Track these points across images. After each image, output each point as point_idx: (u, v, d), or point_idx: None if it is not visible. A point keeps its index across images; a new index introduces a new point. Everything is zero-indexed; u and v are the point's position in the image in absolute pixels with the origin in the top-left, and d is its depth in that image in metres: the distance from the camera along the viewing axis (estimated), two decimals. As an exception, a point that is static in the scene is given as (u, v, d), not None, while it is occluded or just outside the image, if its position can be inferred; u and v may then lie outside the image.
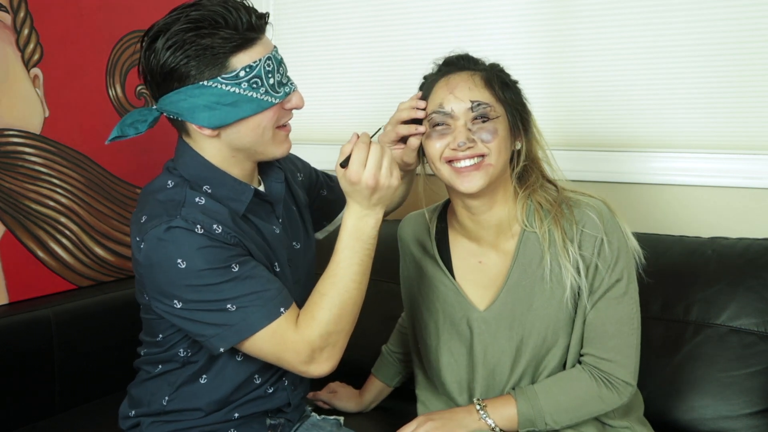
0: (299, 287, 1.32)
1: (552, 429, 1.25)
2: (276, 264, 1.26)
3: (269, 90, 1.16)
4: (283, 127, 1.23)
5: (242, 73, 1.13)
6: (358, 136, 1.16)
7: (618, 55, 1.79)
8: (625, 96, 1.79)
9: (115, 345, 1.77)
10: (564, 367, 1.28)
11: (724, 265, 1.53)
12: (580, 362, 1.27)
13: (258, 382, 1.30)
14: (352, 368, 1.75)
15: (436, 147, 1.22)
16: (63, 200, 1.82)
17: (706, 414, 1.45)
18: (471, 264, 1.32)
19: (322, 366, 1.17)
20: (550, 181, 1.30)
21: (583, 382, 1.24)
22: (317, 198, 1.52)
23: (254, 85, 1.14)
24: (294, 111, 1.24)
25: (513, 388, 1.28)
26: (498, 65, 1.28)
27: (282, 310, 1.15)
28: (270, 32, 1.21)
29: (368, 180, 1.12)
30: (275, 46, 1.20)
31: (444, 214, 1.39)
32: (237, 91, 1.14)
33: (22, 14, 1.72)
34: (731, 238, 1.60)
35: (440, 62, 1.29)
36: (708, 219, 1.73)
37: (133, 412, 1.33)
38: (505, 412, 1.24)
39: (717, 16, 1.67)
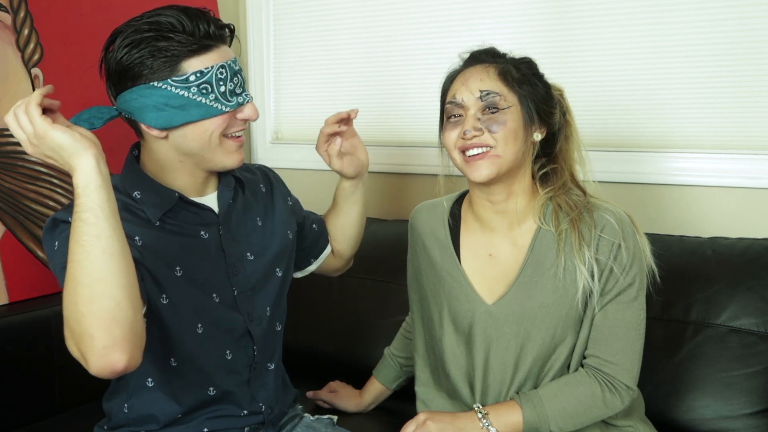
0: (247, 297, 1.30)
1: None
2: (178, 268, 1.22)
3: (219, 97, 1.18)
4: (234, 138, 1.24)
5: (192, 78, 1.15)
6: None
7: (617, 55, 1.79)
8: (624, 96, 1.79)
9: (115, 345, 1.76)
10: (567, 369, 1.28)
11: (724, 265, 1.53)
12: (582, 366, 1.27)
13: (213, 393, 1.27)
14: (352, 368, 1.76)
15: (451, 137, 1.25)
16: (63, 200, 1.81)
17: (706, 414, 1.45)
18: (481, 257, 1.32)
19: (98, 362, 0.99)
20: (578, 186, 1.31)
21: (587, 386, 1.24)
22: (310, 232, 1.52)
23: (204, 91, 1.16)
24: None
25: (517, 393, 1.27)
26: (525, 60, 1.28)
27: None
28: (238, 46, 1.23)
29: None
30: (236, 57, 1.22)
31: (459, 206, 1.39)
32: (186, 94, 1.16)
33: (22, 14, 1.72)
34: (731, 238, 1.60)
35: (465, 55, 1.31)
36: (708, 219, 1.73)
37: (105, 427, 1.32)
38: (509, 419, 1.23)
39: (715, 16, 1.67)
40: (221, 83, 1.17)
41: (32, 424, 1.60)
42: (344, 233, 1.56)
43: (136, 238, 1.19)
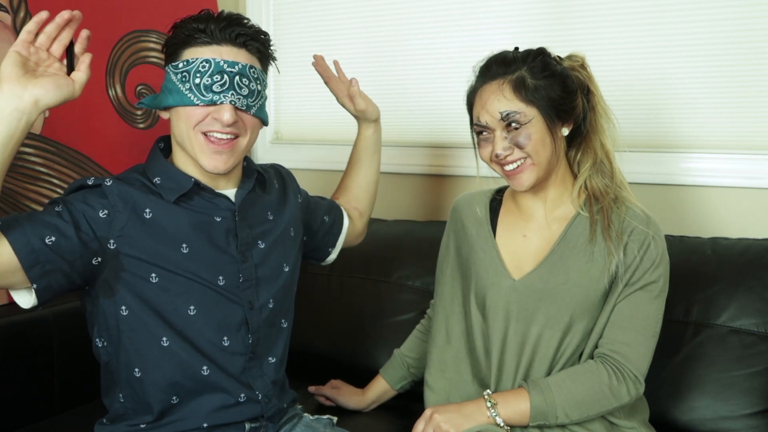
0: (251, 285, 1.31)
1: (561, 424, 1.25)
2: (185, 245, 1.24)
3: (193, 88, 1.21)
4: (210, 139, 1.23)
5: (180, 65, 1.23)
6: None
7: (617, 55, 1.79)
8: (622, 97, 1.78)
9: (115, 345, 1.76)
10: (579, 359, 1.31)
11: (724, 265, 1.53)
12: (593, 357, 1.29)
13: (207, 373, 1.26)
14: (352, 368, 1.76)
15: (485, 154, 1.32)
16: (63, 200, 1.81)
17: (706, 414, 1.46)
18: (515, 237, 1.38)
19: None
20: (608, 157, 1.33)
21: (595, 373, 1.26)
22: (322, 226, 1.55)
23: (182, 79, 1.22)
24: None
25: (525, 380, 1.29)
26: (537, 59, 1.29)
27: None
28: (272, 72, 1.28)
29: None
30: (245, 64, 1.23)
31: (501, 194, 1.46)
32: (174, 80, 1.24)
33: (22, 14, 1.72)
34: (731, 238, 1.60)
35: (478, 68, 1.34)
36: (708, 219, 1.73)
37: (105, 420, 1.33)
38: (517, 406, 1.26)
39: (715, 16, 1.67)
40: (198, 75, 1.21)
41: (32, 424, 1.60)
42: (367, 189, 1.66)
43: (147, 210, 1.23)
